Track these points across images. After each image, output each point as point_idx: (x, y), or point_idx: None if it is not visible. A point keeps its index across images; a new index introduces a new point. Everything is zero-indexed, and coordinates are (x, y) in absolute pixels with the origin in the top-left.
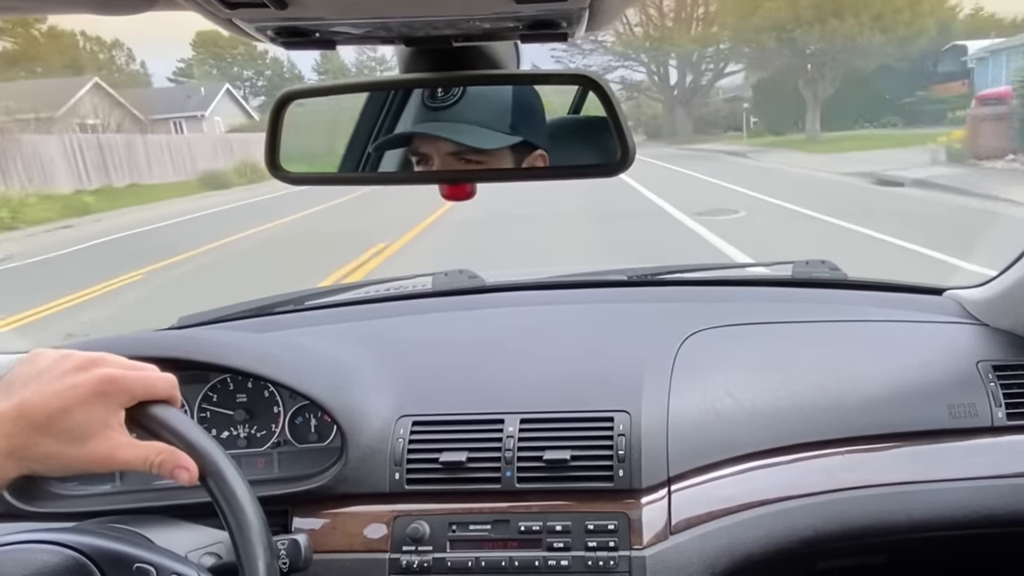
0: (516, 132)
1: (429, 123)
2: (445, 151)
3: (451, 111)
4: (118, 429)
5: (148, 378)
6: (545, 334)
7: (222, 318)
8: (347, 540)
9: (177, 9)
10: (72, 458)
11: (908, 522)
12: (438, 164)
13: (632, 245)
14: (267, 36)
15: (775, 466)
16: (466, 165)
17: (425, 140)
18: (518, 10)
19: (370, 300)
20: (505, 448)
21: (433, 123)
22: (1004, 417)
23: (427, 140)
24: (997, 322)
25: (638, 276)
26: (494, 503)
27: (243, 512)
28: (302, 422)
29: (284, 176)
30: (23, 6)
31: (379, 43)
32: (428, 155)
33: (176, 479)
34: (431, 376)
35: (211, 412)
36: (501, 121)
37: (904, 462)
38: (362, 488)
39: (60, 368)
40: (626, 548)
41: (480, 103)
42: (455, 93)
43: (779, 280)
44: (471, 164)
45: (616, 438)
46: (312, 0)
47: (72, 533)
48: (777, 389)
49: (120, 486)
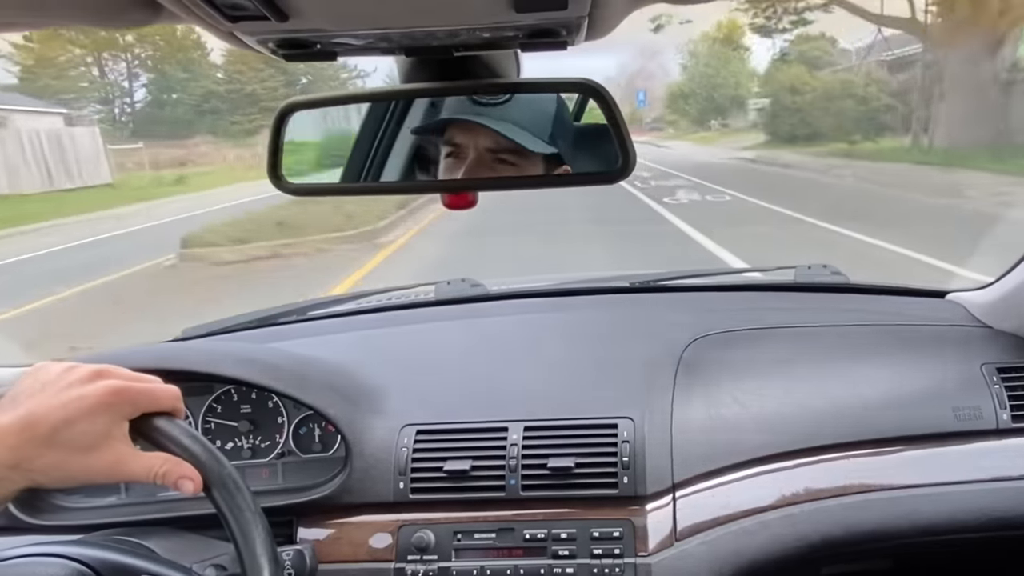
0: (553, 143)
1: (475, 115)
2: (484, 145)
3: (499, 109)
4: (122, 440)
5: (152, 390)
6: (548, 342)
7: (226, 329)
8: (352, 550)
9: (178, 22)
10: (77, 469)
11: (913, 526)
12: (472, 157)
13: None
14: (268, 49)
15: (780, 471)
16: (497, 165)
17: (464, 131)
18: (518, 19)
19: (373, 310)
20: (509, 456)
21: (482, 117)
22: (1009, 419)
23: (466, 131)
24: (1001, 324)
25: (640, 282)
26: (499, 511)
27: (247, 523)
28: (306, 432)
29: (285, 187)
30: (24, 22)
31: (380, 54)
32: (463, 146)
33: (180, 490)
34: (434, 385)
35: (215, 423)
36: (543, 129)
37: (909, 466)
38: (367, 498)
39: (65, 380)
40: (631, 555)
41: (528, 108)
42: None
43: (781, 285)
44: (503, 165)
45: (620, 445)
46: (313, 12)
47: (77, 546)
48: (781, 394)
49: (125, 498)
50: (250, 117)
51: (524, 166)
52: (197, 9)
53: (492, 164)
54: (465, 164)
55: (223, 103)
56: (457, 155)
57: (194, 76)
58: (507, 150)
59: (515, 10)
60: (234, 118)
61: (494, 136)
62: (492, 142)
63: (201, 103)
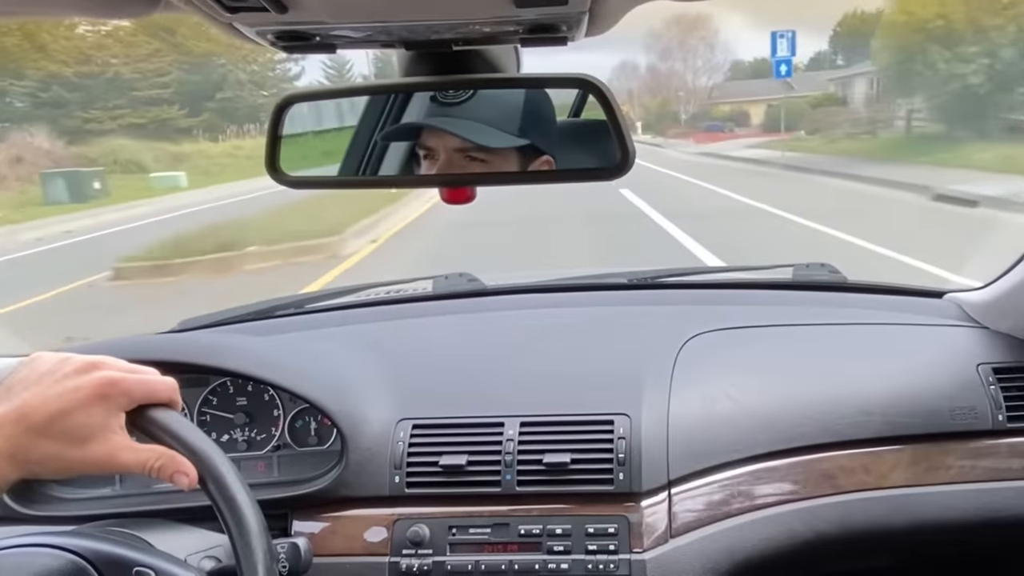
0: (524, 135)
1: (438, 117)
2: (452, 146)
3: (461, 108)
4: (118, 432)
5: (148, 381)
6: (545, 337)
7: (222, 321)
8: (347, 544)
9: (178, 12)
10: (72, 460)
11: (909, 525)
12: (443, 159)
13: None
14: (268, 40)
15: (776, 469)
16: (470, 163)
17: (432, 134)
18: (518, 14)
19: (370, 303)
20: (505, 451)
21: (442, 118)
22: (1005, 420)
23: (434, 134)
24: (997, 325)
25: (638, 279)
26: (494, 506)
27: (242, 516)
28: (302, 425)
29: (283, 179)
30: (24, 10)
31: (380, 47)
32: (434, 149)
33: (175, 483)
34: (431, 379)
35: (211, 415)
36: (510, 123)
37: (905, 465)
38: (362, 491)
39: (61, 371)
40: (626, 551)
41: (490, 103)
42: (467, 91)
43: (779, 283)
44: (475, 163)
45: (616, 441)
46: (313, 4)
47: (71, 537)
48: (778, 392)
49: (119, 490)
50: (113, 113)
51: (496, 162)
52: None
53: (464, 163)
54: (438, 165)
55: (73, 92)
56: (430, 157)
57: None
58: (473, 149)
59: (515, 5)
60: (90, 113)
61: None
62: (458, 143)
63: (37, 92)
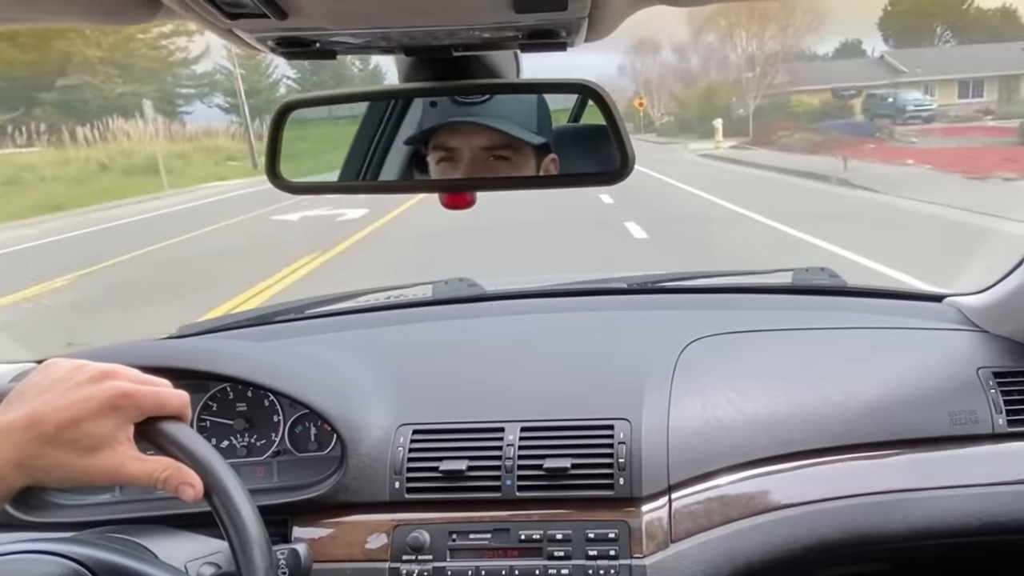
0: (541, 133)
1: (465, 116)
2: (478, 144)
3: (484, 107)
4: (126, 443)
5: (160, 394)
6: (545, 342)
7: (222, 327)
8: (347, 549)
9: (178, 19)
10: (79, 469)
11: (909, 530)
12: (467, 159)
13: None
14: (267, 46)
15: (776, 474)
16: (495, 163)
17: (456, 134)
18: (518, 20)
19: (370, 309)
20: (505, 456)
21: (471, 116)
22: (1005, 424)
23: (458, 134)
24: (997, 328)
25: (638, 284)
26: (494, 512)
27: (246, 530)
28: (302, 431)
29: (284, 185)
30: (21, 17)
31: (379, 53)
32: (457, 149)
33: (180, 495)
34: (431, 384)
35: (211, 421)
36: (530, 121)
37: (905, 469)
38: (362, 497)
39: (74, 379)
40: (627, 557)
41: (513, 102)
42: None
43: (779, 287)
44: (501, 162)
45: (616, 446)
46: (313, 10)
47: (71, 543)
48: (777, 396)
49: (120, 496)
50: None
51: (518, 160)
52: (196, 6)
53: (488, 162)
54: (461, 166)
55: None
56: (451, 159)
57: None
58: (502, 146)
59: (515, 10)
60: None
61: (489, 134)
62: (487, 140)
63: None
